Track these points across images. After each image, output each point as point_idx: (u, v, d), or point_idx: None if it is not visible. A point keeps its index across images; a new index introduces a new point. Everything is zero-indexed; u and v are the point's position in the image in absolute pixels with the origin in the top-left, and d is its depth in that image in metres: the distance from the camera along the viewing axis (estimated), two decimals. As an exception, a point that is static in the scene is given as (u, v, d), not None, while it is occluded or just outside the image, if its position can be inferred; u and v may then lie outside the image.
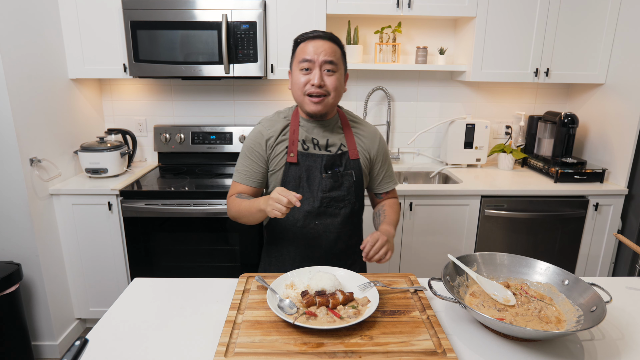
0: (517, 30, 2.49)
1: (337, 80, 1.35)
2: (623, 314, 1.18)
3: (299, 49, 1.37)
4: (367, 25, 2.73)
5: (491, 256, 1.27)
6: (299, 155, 1.39)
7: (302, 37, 1.37)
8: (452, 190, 2.38)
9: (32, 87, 2.16)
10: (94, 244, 2.38)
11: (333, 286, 1.14)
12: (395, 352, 0.95)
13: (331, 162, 1.40)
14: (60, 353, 2.35)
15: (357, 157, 1.43)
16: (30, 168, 2.14)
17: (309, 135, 1.42)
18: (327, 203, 1.40)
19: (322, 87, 1.33)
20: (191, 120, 2.88)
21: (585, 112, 2.76)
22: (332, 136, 1.43)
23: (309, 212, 1.41)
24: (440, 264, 2.46)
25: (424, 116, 2.93)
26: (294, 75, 1.38)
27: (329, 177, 1.39)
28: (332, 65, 1.33)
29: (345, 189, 1.41)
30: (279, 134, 1.41)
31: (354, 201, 1.44)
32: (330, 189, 1.40)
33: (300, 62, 1.34)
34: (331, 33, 1.38)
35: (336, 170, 1.40)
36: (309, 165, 1.39)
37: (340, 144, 1.43)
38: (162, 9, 2.31)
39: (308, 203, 1.40)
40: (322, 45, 1.32)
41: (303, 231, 1.42)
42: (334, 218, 1.42)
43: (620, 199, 2.45)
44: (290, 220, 1.42)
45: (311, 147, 1.41)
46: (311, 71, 1.33)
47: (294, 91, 1.38)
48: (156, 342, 1.03)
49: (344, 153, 1.42)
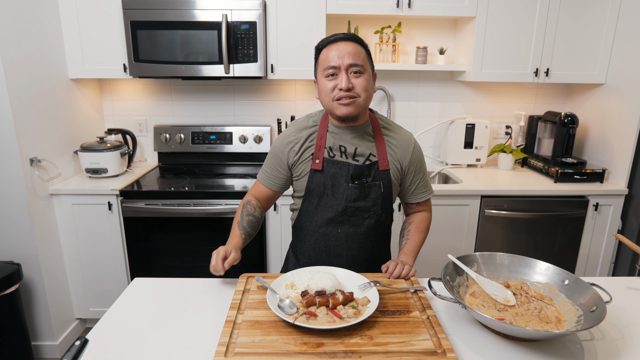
0: (517, 30, 2.48)
1: (365, 81, 1.28)
2: (623, 314, 1.18)
3: (321, 56, 1.30)
4: (367, 25, 2.73)
5: (491, 256, 1.27)
6: (324, 162, 1.35)
7: (322, 42, 1.31)
8: (452, 190, 2.38)
9: (32, 87, 2.16)
10: (94, 244, 2.38)
11: (333, 286, 1.14)
12: (395, 352, 0.95)
13: (359, 173, 1.35)
14: (60, 353, 2.35)
15: (387, 168, 1.37)
16: (30, 168, 2.14)
17: (336, 143, 1.36)
18: (351, 212, 1.37)
19: (351, 89, 1.26)
20: (191, 120, 2.88)
21: (585, 112, 2.76)
22: (361, 144, 1.36)
23: (332, 220, 1.38)
24: (440, 264, 2.46)
25: (424, 116, 2.93)
26: (320, 83, 1.31)
27: (355, 187, 1.34)
28: (358, 67, 1.26)
29: (372, 200, 1.37)
30: (305, 140, 1.37)
31: (380, 212, 1.39)
32: (355, 199, 1.35)
33: (325, 69, 1.27)
34: (353, 33, 1.32)
35: (363, 181, 1.35)
36: (335, 173, 1.35)
37: (369, 153, 1.36)
38: (162, 9, 2.31)
39: (331, 210, 1.37)
40: (345, 48, 1.26)
41: (325, 237, 1.40)
42: (357, 228, 1.39)
43: (620, 199, 2.45)
44: (313, 225, 1.41)
45: (337, 155, 1.36)
46: (337, 76, 1.27)
47: (322, 99, 1.32)
48: (156, 342, 1.03)
49: (373, 163, 1.36)
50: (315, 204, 1.39)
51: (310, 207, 1.40)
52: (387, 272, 1.29)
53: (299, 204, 1.45)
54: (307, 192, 1.39)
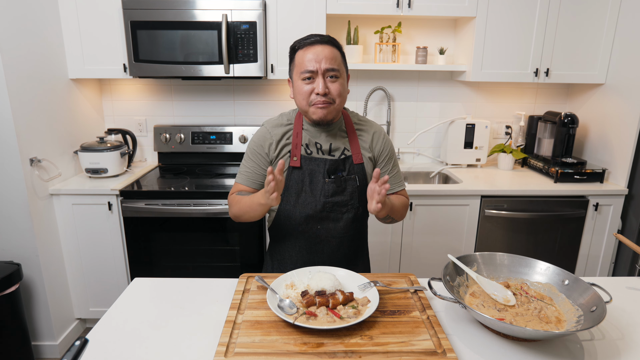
0: (517, 30, 2.48)
1: (340, 86, 1.31)
2: (623, 314, 1.18)
3: (297, 56, 1.32)
4: (367, 25, 2.73)
5: (491, 256, 1.27)
6: (302, 159, 1.37)
7: (299, 43, 1.33)
8: (452, 190, 2.38)
9: (32, 87, 2.16)
10: (94, 244, 2.38)
11: (333, 286, 1.14)
12: (395, 352, 0.95)
13: (334, 167, 1.38)
14: (60, 353, 2.35)
15: (360, 162, 1.40)
16: (30, 168, 2.14)
17: (312, 139, 1.39)
18: (330, 208, 1.38)
19: (327, 94, 1.29)
20: (191, 120, 2.88)
21: (585, 112, 2.76)
22: (335, 140, 1.40)
23: (311, 217, 1.39)
24: (440, 264, 2.46)
25: (424, 116, 2.93)
26: (295, 85, 1.33)
27: (331, 182, 1.37)
28: (335, 72, 1.29)
29: (349, 193, 1.39)
30: (281, 137, 1.39)
31: (358, 206, 1.41)
32: (332, 194, 1.37)
33: (301, 72, 1.29)
34: (328, 36, 1.33)
35: (339, 175, 1.38)
36: (312, 170, 1.37)
37: (343, 148, 1.40)
38: (162, 9, 2.31)
39: (310, 207, 1.38)
40: (322, 52, 1.28)
41: (305, 235, 1.41)
42: (337, 223, 1.40)
43: (620, 199, 2.45)
44: (292, 223, 1.41)
45: (314, 152, 1.39)
46: (314, 80, 1.29)
47: (298, 101, 1.34)
48: (156, 342, 1.03)
49: (348, 157, 1.39)
50: (294, 202, 1.39)
51: (288, 205, 1.40)
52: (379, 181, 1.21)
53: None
54: (285, 190, 1.39)
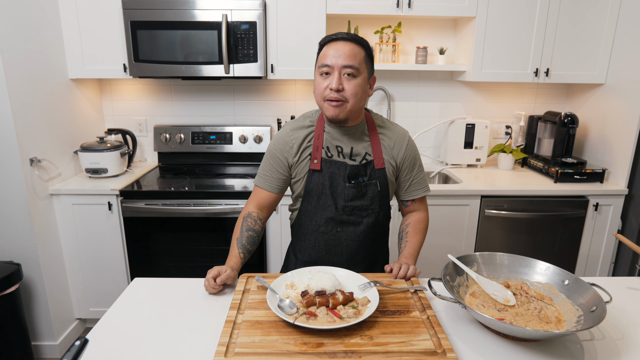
0: (517, 30, 2.48)
1: (357, 86, 1.27)
2: (623, 314, 1.18)
3: (322, 52, 1.31)
4: (367, 25, 2.73)
5: (491, 256, 1.27)
6: (322, 162, 1.36)
7: (325, 39, 1.32)
8: (452, 190, 2.38)
9: (32, 87, 2.16)
10: (94, 244, 2.38)
11: (333, 286, 1.14)
12: (395, 352, 0.95)
13: (355, 172, 1.36)
14: (60, 353, 2.35)
15: (382, 167, 1.38)
16: (30, 168, 2.14)
17: (333, 142, 1.37)
18: (350, 212, 1.38)
19: (340, 91, 1.26)
20: (191, 120, 2.88)
21: (585, 112, 2.76)
22: (357, 144, 1.38)
23: (331, 219, 1.39)
24: (440, 264, 2.46)
25: (424, 116, 2.93)
26: (315, 79, 1.33)
27: (352, 187, 1.36)
28: (352, 70, 1.26)
29: (369, 198, 1.38)
30: (302, 140, 1.38)
31: (378, 211, 1.40)
32: (353, 198, 1.37)
33: (320, 66, 1.29)
34: (356, 34, 1.31)
35: (360, 180, 1.37)
36: (332, 173, 1.36)
37: (365, 152, 1.38)
38: (162, 9, 2.31)
39: (330, 210, 1.38)
40: (343, 48, 1.26)
41: (325, 237, 1.41)
42: (356, 226, 1.40)
43: (620, 199, 2.45)
44: (312, 224, 1.42)
45: (335, 155, 1.37)
46: (330, 76, 1.27)
47: (315, 96, 1.33)
48: (156, 342, 1.03)
49: (369, 162, 1.38)
50: (315, 204, 1.39)
51: (309, 206, 1.41)
52: (392, 273, 1.29)
53: (297, 204, 1.45)
54: (306, 193, 1.40)
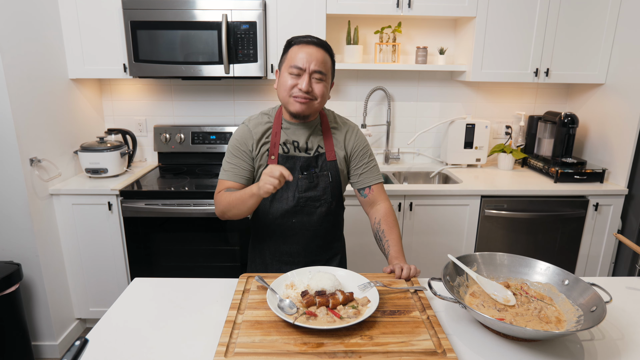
0: (517, 30, 2.48)
1: (324, 88, 1.37)
2: (623, 314, 1.18)
3: (291, 51, 1.36)
4: (367, 25, 2.73)
5: (491, 256, 1.27)
6: (279, 157, 1.43)
7: (296, 39, 1.37)
8: (452, 190, 2.38)
9: (32, 87, 2.16)
10: (94, 244, 2.38)
11: (333, 286, 1.14)
12: (395, 352, 0.95)
13: (307, 164, 1.44)
14: (60, 353, 2.35)
15: (333, 159, 1.46)
16: (30, 168, 2.14)
17: (289, 138, 1.44)
18: (304, 202, 1.45)
19: (309, 92, 1.34)
20: (191, 120, 2.88)
21: (585, 112, 2.76)
22: (311, 138, 1.46)
23: (286, 211, 1.45)
24: (440, 264, 2.46)
25: (424, 116, 2.93)
26: (282, 76, 1.38)
27: (305, 178, 1.43)
28: (321, 75, 1.35)
29: (321, 189, 1.45)
30: (262, 135, 1.44)
31: (331, 201, 1.47)
32: (306, 189, 1.44)
33: (290, 66, 1.34)
34: (324, 41, 1.38)
35: (312, 172, 1.44)
36: (289, 168, 1.41)
37: (317, 145, 1.46)
38: (162, 9, 2.31)
39: (285, 202, 1.44)
40: (315, 54, 1.33)
41: (281, 228, 1.48)
42: (310, 216, 1.47)
43: (620, 199, 2.45)
44: (269, 217, 1.47)
45: (292, 150, 1.44)
46: (300, 77, 1.34)
47: (280, 91, 1.39)
48: (156, 342, 1.03)
49: (321, 155, 1.46)
50: (271, 198, 1.45)
51: (266, 200, 1.46)
52: (395, 274, 1.31)
53: None
54: None
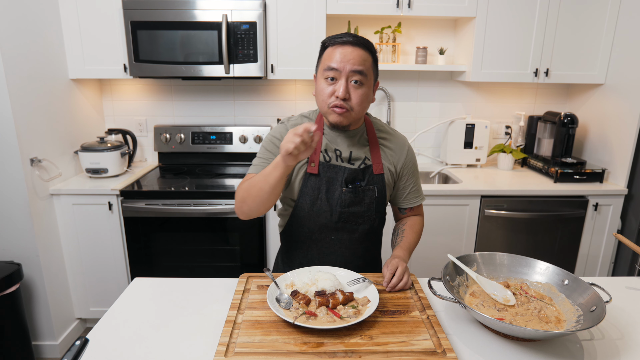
0: (516, 31, 2.49)
1: (363, 95, 1.22)
2: (623, 314, 1.18)
3: (325, 53, 1.24)
4: (367, 25, 2.73)
5: (491, 256, 1.27)
6: (320, 165, 1.30)
7: (330, 40, 1.24)
8: (452, 190, 2.38)
9: (33, 87, 2.16)
10: (94, 244, 2.38)
11: (333, 286, 1.14)
12: (395, 352, 0.96)
13: (352, 177, 1.31)
14: (60, 353, 2.35)
15: (381, 172, 1.34)
16: (30, 168, 2.14)
17: (331, 145, 1.32)
18: (346, 218, 1.32)
19: (347, 100, 1.21)
20: (191, 120, 2.88)
21: (585, 112, 2.76)
22: (356, 148, 1.33)
23: (326, 226, 1.33)
24: (440, 264, 2.46)
25: (424, 116, 2.93)
26: (318, 83, 1.26)
27: (349, 192, 1.30)
28: (361, 76, 1.20)
29: (366, 204, 1.33)
30: None
31: (374, 218, 1.36)
32: (349, 204, 1.31)
33: (325, 70, 1.21)
34: (364, 38, 1.23)
35: (357, 185, 1.31)
36: (330, 177, 1.30)
37: (364, 157, 1.33)
38: (162, 9, 2.31)
39: (325, 216, 1.32)
40: (351, 53, 1.19)
41: (318, 244, 1.37)
42: (351, 234, 1.35)
43: (620, 199, 2.45)
44: (305, 231, 1.36)
45: (333, 158, 1.32)
46: (337, 81, 1.21)
47: (318, 100, 1.27)
48: (156, 342, 1.03)
49: (368, 167, 1.33)
50: (308, 210, 1.33)
51: (302, 212, 1.34)
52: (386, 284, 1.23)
53: (289, 209, 1.39)
54: (300, 197, 1.33)
